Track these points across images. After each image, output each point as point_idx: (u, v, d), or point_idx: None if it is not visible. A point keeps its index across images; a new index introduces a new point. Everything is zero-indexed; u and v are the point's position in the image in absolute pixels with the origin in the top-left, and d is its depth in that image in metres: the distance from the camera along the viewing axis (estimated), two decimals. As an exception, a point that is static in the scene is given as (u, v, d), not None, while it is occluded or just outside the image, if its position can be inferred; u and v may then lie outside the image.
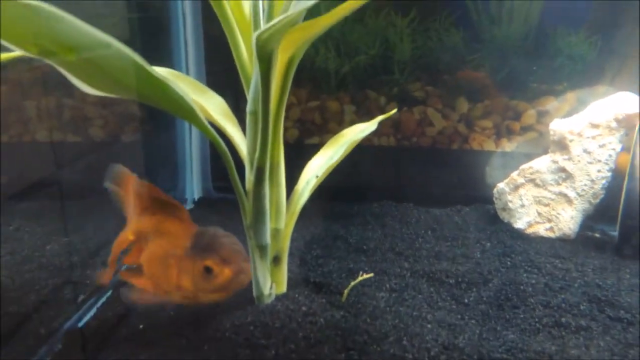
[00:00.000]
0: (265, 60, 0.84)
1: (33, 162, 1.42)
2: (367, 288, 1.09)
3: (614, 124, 1.46)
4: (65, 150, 1.52)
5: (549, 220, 1.53)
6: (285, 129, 1.90)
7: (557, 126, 1.52)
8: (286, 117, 1.89)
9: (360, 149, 1.91)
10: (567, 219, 1.51)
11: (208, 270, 0.79)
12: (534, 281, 1.15)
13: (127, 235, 0.88)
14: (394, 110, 1.44)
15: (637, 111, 1.45)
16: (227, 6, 1.00)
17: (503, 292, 1.10)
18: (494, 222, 1.63)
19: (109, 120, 1.64)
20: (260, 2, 0.97)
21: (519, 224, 1.56)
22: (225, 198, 1.88)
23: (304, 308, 0.95)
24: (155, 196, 0.86)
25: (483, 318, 0.99)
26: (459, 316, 0.99)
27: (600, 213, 1.52)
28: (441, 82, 1.79)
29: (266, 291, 1.01)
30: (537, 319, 0.99)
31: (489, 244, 1.45)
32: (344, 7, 0.79)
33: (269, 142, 0.95)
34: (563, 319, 0.98)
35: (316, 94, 1.86)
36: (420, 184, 1.87)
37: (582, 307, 1.04)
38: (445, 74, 1.78)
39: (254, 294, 1.03)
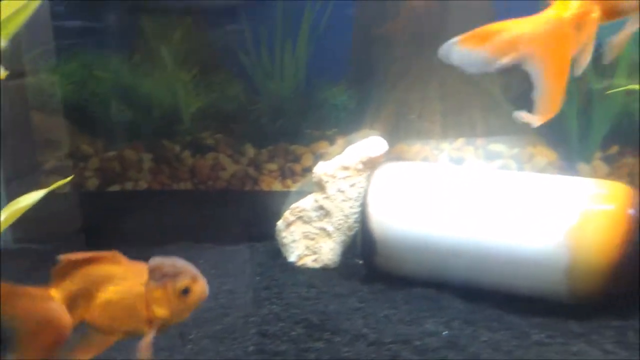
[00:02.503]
0: None
1: None
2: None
3: (360, 166, 1.66)
4: None
5: (314, 253, 1.70)
6: (86, 178, 1.96)
7: (317, 169, 1.70)
8: (85, 167, 1.96)
9: (160, 194, 2.02)
10: (327, 251, 1.68)
11: (185, 291, 0.86)
12: (267, 311, 1.29)
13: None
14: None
15: (379, 154, 1.66)
16: None
17: (225, 326, 1.21)
18: (276, 257, 1.76)
19: None
20: None
21: (292, 258, 1.71)
22: (27, 248, 1.90)
23: None
24: (75, 259, 0.88)
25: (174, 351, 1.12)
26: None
27: (356, 244, 1.71)
28: (229, 130, 1.95)
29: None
30: (242, 349, 1.12)
31: (258, 278, 1.57)
32: None
33: None
34: (269, 347, 1.13)
35: (113, 144, 1.95)
36: (219, 224, 1.99)
37: (292, 334, 1.18)
38: (231, 122, 1.93)
39: None
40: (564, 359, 1.07)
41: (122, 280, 0.87)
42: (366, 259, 1.53)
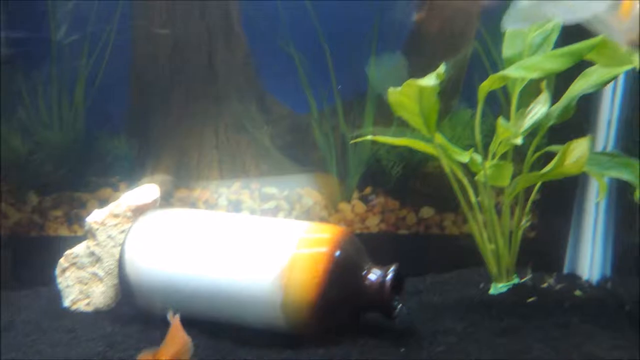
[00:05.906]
0: None
1: None
2: None
3: (129, 214, 1.72)
4: None
5: (87, 297, 1.72)
6: None
7: (88, 218, 1.73)
8: None
9: None
10: (98, 295, 1.71)
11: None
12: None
13: None
14: None
15: (148, 201, 1.73)
16: None
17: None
18: (54, 302, 1.76)
19: None
20: None
21: (66, 302, 1.72)
22: None
23: None
24: None
25: None
26: None
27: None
28: (9, 179, 1.93)
29: None
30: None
31: (22, 325, 1.57)
32: None
33: None
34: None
35: None
36: (3, 271, 1.95)
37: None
38: (12, 172, 1.92)
39: None
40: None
41: None
42: (127, 302, 1.58)
